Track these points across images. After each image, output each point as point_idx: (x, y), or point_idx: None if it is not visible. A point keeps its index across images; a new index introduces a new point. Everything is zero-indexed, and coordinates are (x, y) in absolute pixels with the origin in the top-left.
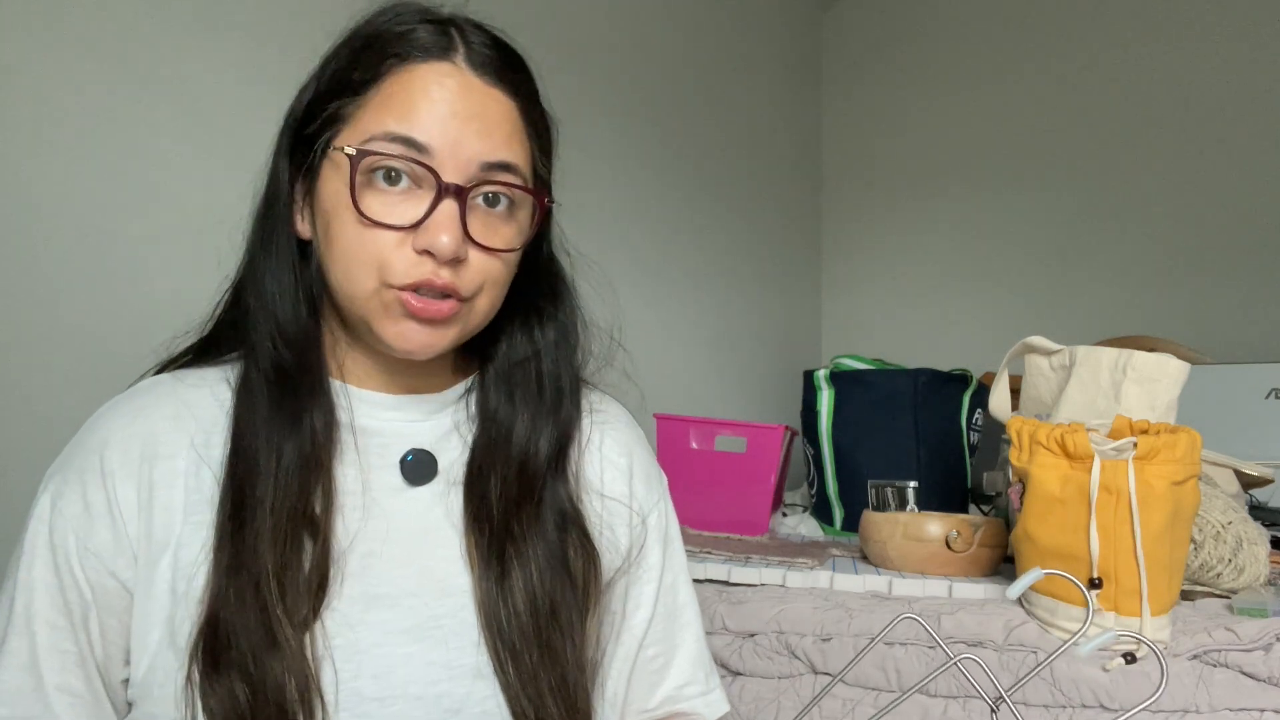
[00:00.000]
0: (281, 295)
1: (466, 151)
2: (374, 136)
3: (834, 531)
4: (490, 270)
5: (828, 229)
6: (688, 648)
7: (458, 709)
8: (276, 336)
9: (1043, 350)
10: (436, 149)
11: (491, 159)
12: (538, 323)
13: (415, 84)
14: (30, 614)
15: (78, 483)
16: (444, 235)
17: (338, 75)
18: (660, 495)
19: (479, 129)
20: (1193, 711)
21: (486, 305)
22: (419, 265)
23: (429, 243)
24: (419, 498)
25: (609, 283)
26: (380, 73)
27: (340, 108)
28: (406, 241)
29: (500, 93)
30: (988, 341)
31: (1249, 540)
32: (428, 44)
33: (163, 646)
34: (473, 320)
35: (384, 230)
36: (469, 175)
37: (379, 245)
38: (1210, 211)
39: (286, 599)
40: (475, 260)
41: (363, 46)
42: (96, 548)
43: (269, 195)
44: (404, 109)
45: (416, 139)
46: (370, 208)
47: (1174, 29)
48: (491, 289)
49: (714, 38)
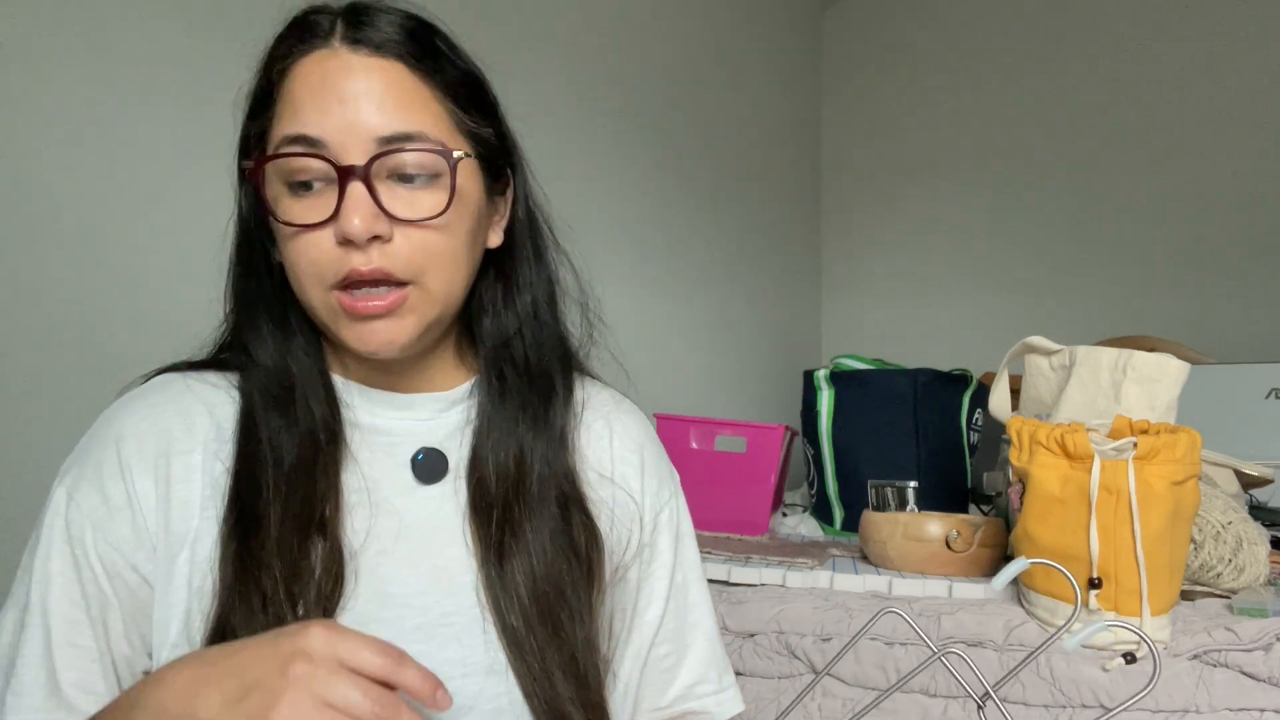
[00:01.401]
0: (258, 331)
1: (359, 132)
2: (278, 144)
3: (834, 531)
4: (427, 244)
5: (828, 229)
6: (699, 646)
7: (471, 706)
8: (263, 371)
9: (1043, 350)
10: (328, 139)
11: (387, 132)
12: (517, 292)
13: (298, 81)
14: (46, 608)
15: (94, 476)
16: (354, 218)
17: (250, 97)
18: (673, 493)
19: (367, 106)
20: (1193, 711)
21: (442, 283)
22: (344, 258)
23: (342, 230)
24: (430, 496)
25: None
26: (273, 81)
27: (260, 126)
28: (330, 236)
29: (387, 61)
30: (988, 341)
31: (1249, 540)
32: (305, 36)
33: (180, 640)
34: (433, 303)
35: (306, 232)
36: (367, 153)
37: (308, 250)
38: (1210, 211)
39: (298, 606)
40: (403, 238)
41: (264, 62)
42: (116, 541)
43: (238, 238)
44: (293, 109)
45: (308, 134)
46: (288, 215)
47: (1174, 29)
48: (439, 265)
49: (714, 37)
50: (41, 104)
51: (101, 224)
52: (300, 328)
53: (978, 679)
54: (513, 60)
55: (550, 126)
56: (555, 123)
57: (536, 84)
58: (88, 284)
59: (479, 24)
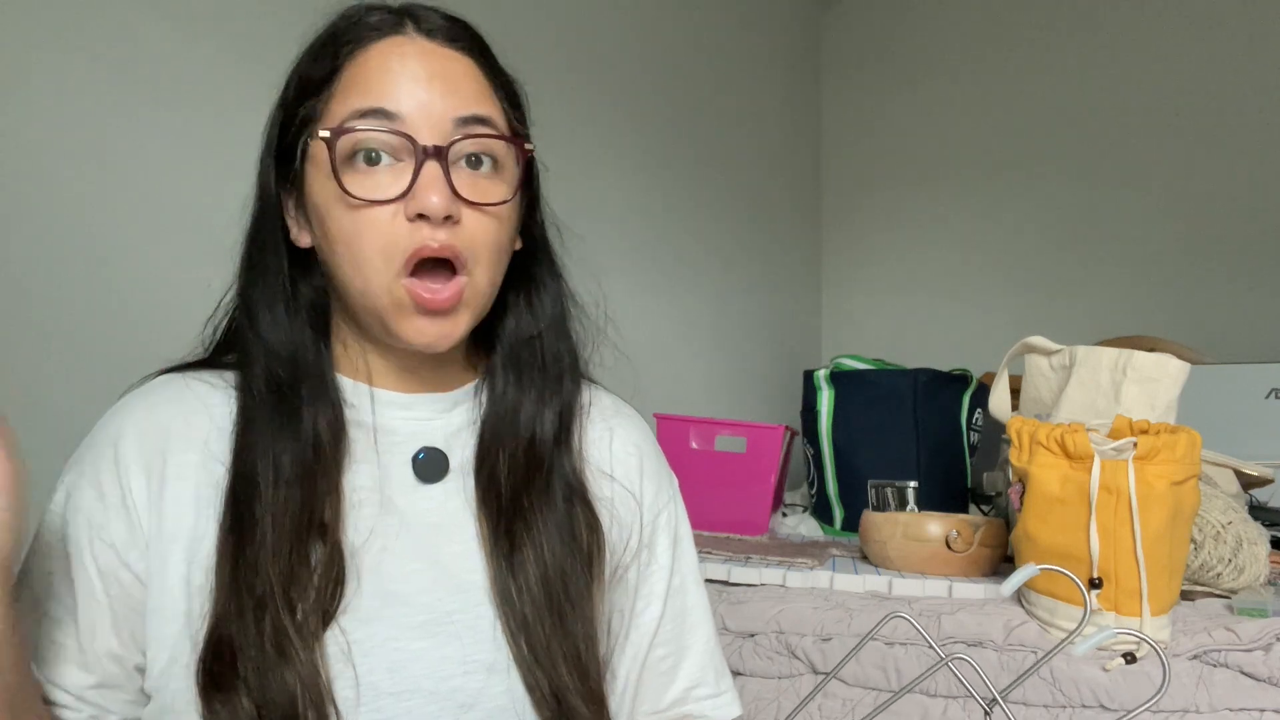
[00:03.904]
0: (273, 316)
1: (438, 110)
2: (346, 119)
3: (834, 531)
4: (487, 231)
5: (828, 229)
6: (697, 650)
7: (472, 704)
8: (270, 358)
9: (1043, 350)
10: (407, 114)
11: (464, 113)
12: (538, 294)
13: (373, 61)
14: (36, 602)
15: (93, 475)
16: (433, 195)
17: (301, 80)
18: (671, 496)
19: (445, 88)
20: (1193, 711)
21: (487, 278)
22: (415, 231)
23: (421, 205)
24: (432, 495)
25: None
26: (339, 63)
27: (311, 108)
28: (399, 213)
29: (458, 53)
30: (988, 341)
31: (1249, 540)
32: (378, 24)
33: (181, 639)
34: (478, 298)
35: (375, 208)
36: (445, 133)
37: (375, 226)
38: (1210, 211)
39: (296, 611)
40: (469, 220)
41: (320, 46)
42: (111, 539)
43: (258, 215)
44: (367, 85)
45: (386, 108)
46: (356, 189)
47: (1173, 29)
48: (489, 257)
49: (714, 37)
50: (42, 104)
51: (102, 224)
52: (310, 324)
53: (984, 684)
54: (513, 61)
55: (549, 127)
56: (554, 123)
57: (535, 85)
58: (88, 284)
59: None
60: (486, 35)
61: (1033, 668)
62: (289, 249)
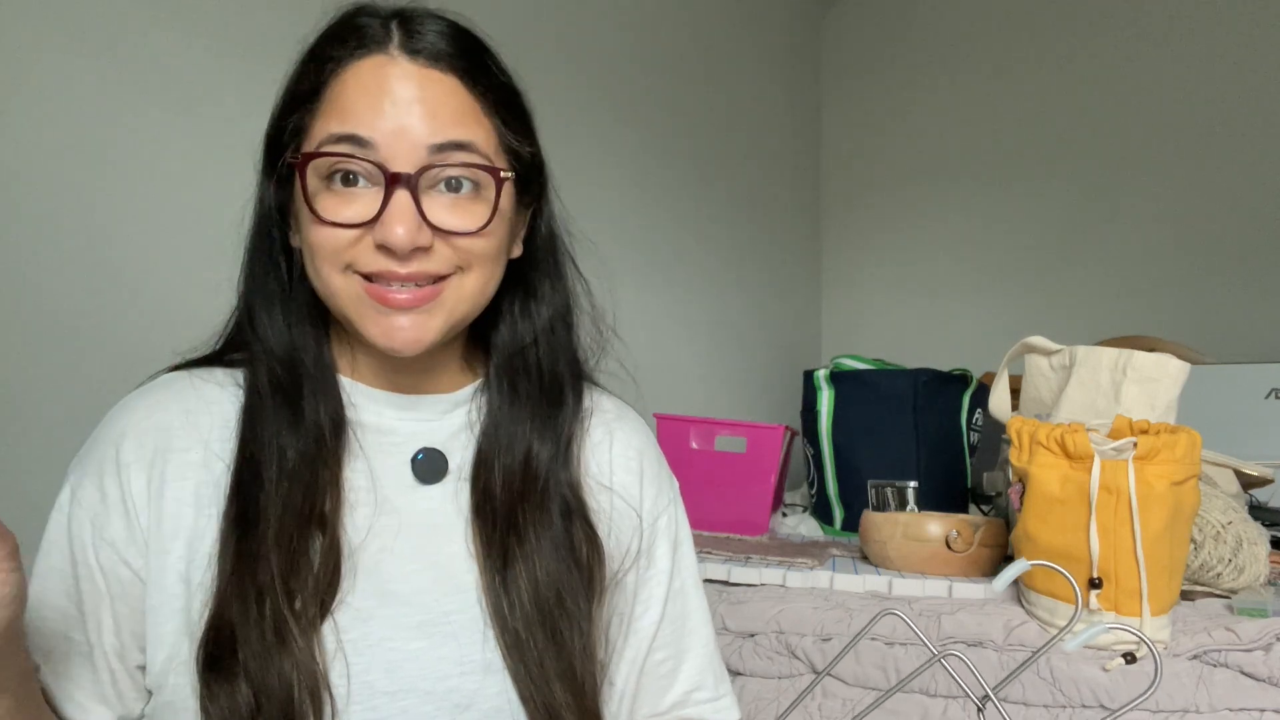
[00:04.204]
0: (271, 317)
1: (411, 138)
2: (322, 141)
3: (834, 531)
4: (472, 249)
5: (828, 228)
6: (696, 653)
7: (468, 704)
8: (270, 358)
9: (1043, 350)
10: (379, 142)
11: (440, 140)
12: (536, 305)
13: (351, 82)
14: (42, 601)
15: (95, 474)
16: (398, 227)
17: (290, 90)
18: (671, 499)
19: (422, 113)
20: (1193, 711)
21: (477, 283)
22: (378, 259)
23: (384, 237)
24: (430, 496)
25: (603, 264)
26: (323, 79)
27: (298, 121)
28: (367, 237)
29: (441, 73)
30: (988, 341)
31: (1249, 540)
32: (362, 40)
33: (180, 636)
34: (463, 300)
35: (341, 230)
36: (417, 161)
37: (339, 241)
38: (1210, 211)
39: (295, 600)
40: (443, 246)
41: (308, 57)
42: (111, 537)
43: (256, 217)
44: (344, 110)
45: (359, 135)
46: (326, 208)
47: (1174, 29)
48: (481, 265)
49: (714, 37)
50: (42, 104)
51: (105, 224)
52: (310, 324)
53: (977, 681)
54: (512, 62)
55: (548, 127)
56: (553, 124)
57: (534, 86)
58: (88, 284)
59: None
60: (486, 36)
61: (1024, 664)
62: (289, 250)
